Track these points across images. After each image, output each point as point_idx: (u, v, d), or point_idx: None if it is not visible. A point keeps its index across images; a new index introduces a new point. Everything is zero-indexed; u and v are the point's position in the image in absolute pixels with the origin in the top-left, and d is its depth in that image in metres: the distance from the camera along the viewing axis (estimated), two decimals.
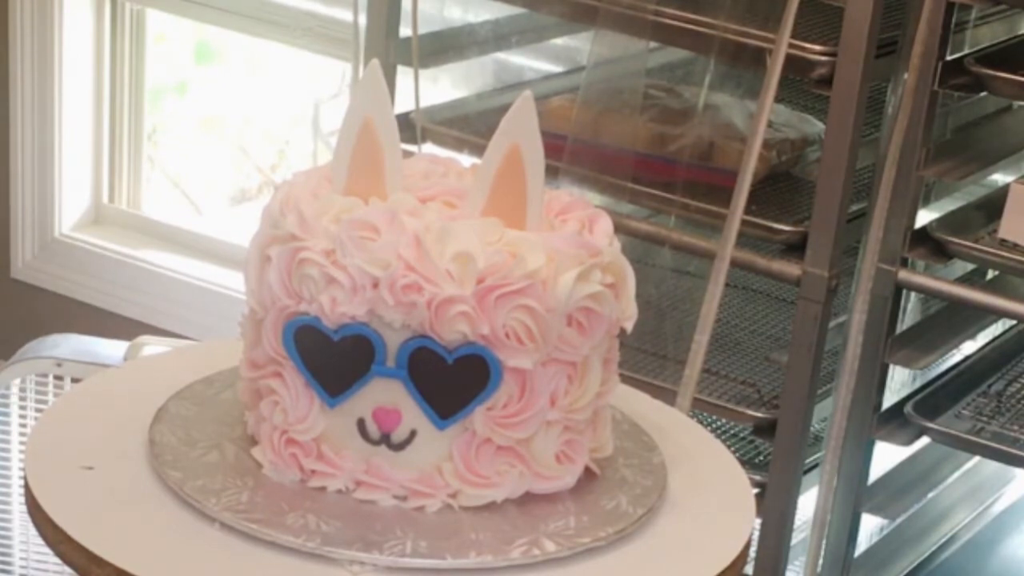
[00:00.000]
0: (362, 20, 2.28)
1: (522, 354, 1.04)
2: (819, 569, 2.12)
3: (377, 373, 1.04)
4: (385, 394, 1.05)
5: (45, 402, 2.37)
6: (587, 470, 1.11)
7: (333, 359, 1.05)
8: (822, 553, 2.11)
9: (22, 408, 2.38)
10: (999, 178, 2.21)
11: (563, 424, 1.08)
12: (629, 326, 1.10)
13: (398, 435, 1.06)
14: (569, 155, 2.13)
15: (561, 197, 1.13)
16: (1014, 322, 2.24)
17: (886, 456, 2.19)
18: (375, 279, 1.03)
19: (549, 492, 1.09)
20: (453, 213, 1.08)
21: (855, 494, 2.09)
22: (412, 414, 1.05)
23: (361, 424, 1.06)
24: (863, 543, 2.23)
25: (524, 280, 1.03)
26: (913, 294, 2.13)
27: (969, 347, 2.26)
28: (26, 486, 1.07)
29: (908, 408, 2.05)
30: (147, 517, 1.05)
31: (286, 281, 1.07)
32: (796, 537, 2.16)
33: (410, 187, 1.10)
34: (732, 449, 1.44)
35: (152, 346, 2.34)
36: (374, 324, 1.04)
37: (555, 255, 1.05)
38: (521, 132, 1.08)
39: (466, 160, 1.22)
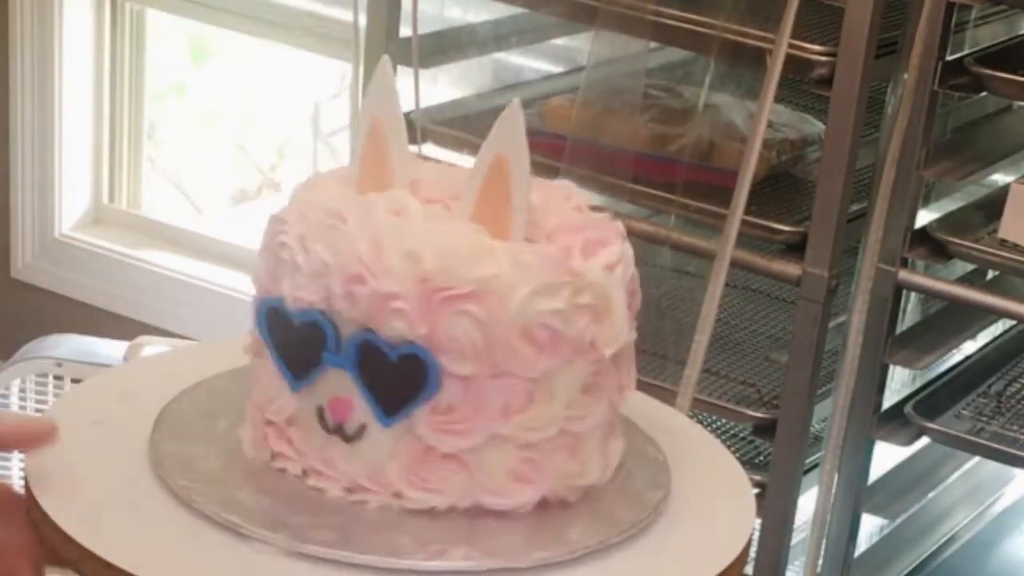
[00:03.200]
0: (362, 20, 2.28)
1: (463, 362, 1.03)
2: (819, 569, 2.12)
3: (328, 362, 1.05)
4: (339, 384, 1.05)
5: (45, 402, 2.37)
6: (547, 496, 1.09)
7: (294, 343, 1.07)
8: (822, 553, 2.11)
9: (22, 408, 2.39)
10: (999, 178, 2.21)
11: (518, 441, 1.06)
12: (608, 352, 1.07)
13: (350, 427, 1.06)
14: (569, 155, 2.13)
15: (595, 222, 1.10)
16: (1014, 322, 2.24)
17: (886, 456, 2.19)
18: (329, 266, 1.04)
19: (503, 509, 1.07)
20: (441, 215, 1.08)
21: (855, 494, 2.09)
22: (361, 408, 1.05)
23: (320, 412, 1.07)
24: (863, 543, 2.23)
25: (471, 284, 1.02)
26: (913, 294, 2.13)
27: (969, 347, 2.26)
28: (27, 487, 1.07)
29: (908, 408, 2.05)
30: (149, 519, 1.05)
31: (267, 261, 1.08)
32: (796, 537, 2.16)
33: (420, 187, 1.10)
34: (732, 449, 1.44)
35: (152, 346, 2.34)
36: (329, 313, 1.05)
37: (520, 267, 1.03)
38: (508, 142, 1.07)
39: (452, 157, 1.21)
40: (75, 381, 2.35)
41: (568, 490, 1.08)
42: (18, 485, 1.11)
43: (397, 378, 1.04)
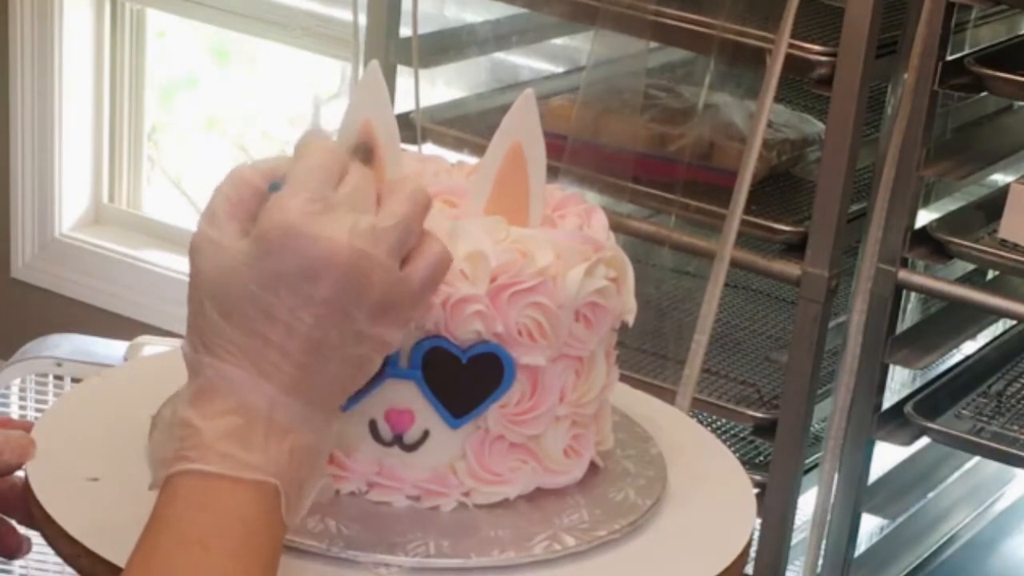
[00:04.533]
0: (362, 20, 2.28)
1: (535, 351, 1.04)
2: (819, 569, 2.12)
3: (391, 375, 1.04)
4: (398, 395, 1.04)
5: (45, 402, 2.37)
6: (591, 463, 1.11)
7: None
8: (822, 553, 2.11)
9: (22, 408, 2.39)
10: (999, 178, 2.21)
11: (571, 419, 1.08)
12: (631, 319, 1.11)
13: (411, 436, 1.05)
14: (569, 155, 2.13)
15: (554, 193, 1.13)
16: (1014, 322, 2.25)
17: (886, 456, 2.19)
18: None
19: (558, 487, 1.09)
20: (456, 212, 1.09)
21: (855, 494, 2.09)
22: (425, 414, 1.05)
23: (373, 426, 1.06)
24: (863, 543, 2.23)
25: (536, 277, 1.03)
26: (913, 294, 2.13)
27: (969, 347, 2.26)
28: (28, 488, 1.07)
29: (908, 408, 2.05)
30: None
31: None
32: (796, 537, 2.16)
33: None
34: (732, 449, 1.44)
35: (152, 346, 2.34)
36: None
37: (562, 251, 1.05)
38: (523, 130, 1.08)
39: (453, 157, 1.21)
40: (75, 381, 2.35)
41: (596, 457, 1.11)
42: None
43: (468, 379, 1.04)
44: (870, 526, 2.26)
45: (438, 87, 2.37)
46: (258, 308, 0.91)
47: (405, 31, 2.25)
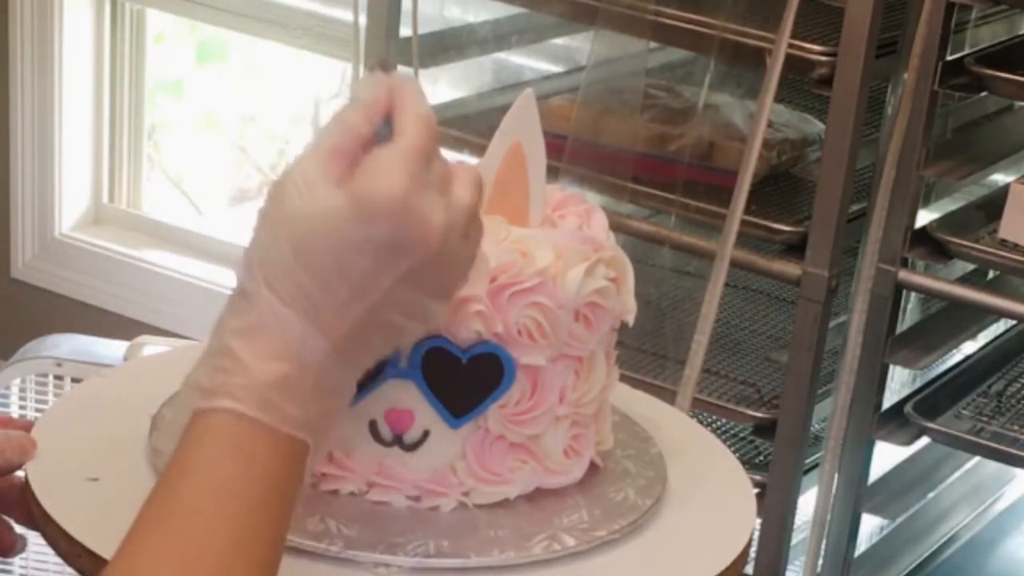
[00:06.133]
0: (362, 20, 2.28)
1: (535, 351, 1.04)
2: (819, 569, 2.12)
3: (391, 375, 1.04)
4: (398, 395, 1.04)
5: (45, 402, 2.37)
6: (590, 463, 1.11)
7: None
8: (822, 553, 2.11)
9: (22, 408, 2.38)
10: (999, 178, 2.21)
11: (571, 419, 1.08)
12: (630, 319, 1.11)
13: (411, 436, 1.06)
14: (569, 155, 2.13)
15: (554, 193, 1.13)
16: (1014, 322, 2.24)
17: (886, 456, 2.19)
18: None
19: (558, 487, 1.09)
20: None
21: (855, 494, 2.09)
22: (425, 414, 1.05)
23: (373, 426, 1.06)
24: (863, 543, 2.23)
25: (536, 277, 1.03)
26: (913, 294, 2.13)
27: (969, 347, 2.26)
28: (28, 488, 1.07)
29: (908, 408, 2.05)
30: None
31: None
32: (796, 537, 2.16)
33: None
34: (732, 449, 1.44)
35: (152, 346, 2.34)
36: None
37: (562, 251, 1.05)
38: (523, 130, 1.08)
39: (453, 157, 1.21)
40: (75, 381, 2.35)
41: (596, 456, 1.12)
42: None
43: (468, 379, 1.04)
44: (870, 526, 2.26)
45: (438, 87, 2.37)
46: (338, 263, 0.89)
47: (405, 31, 2.25)
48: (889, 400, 2.10)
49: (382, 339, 0.94)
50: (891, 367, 2.07)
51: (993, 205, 2.04)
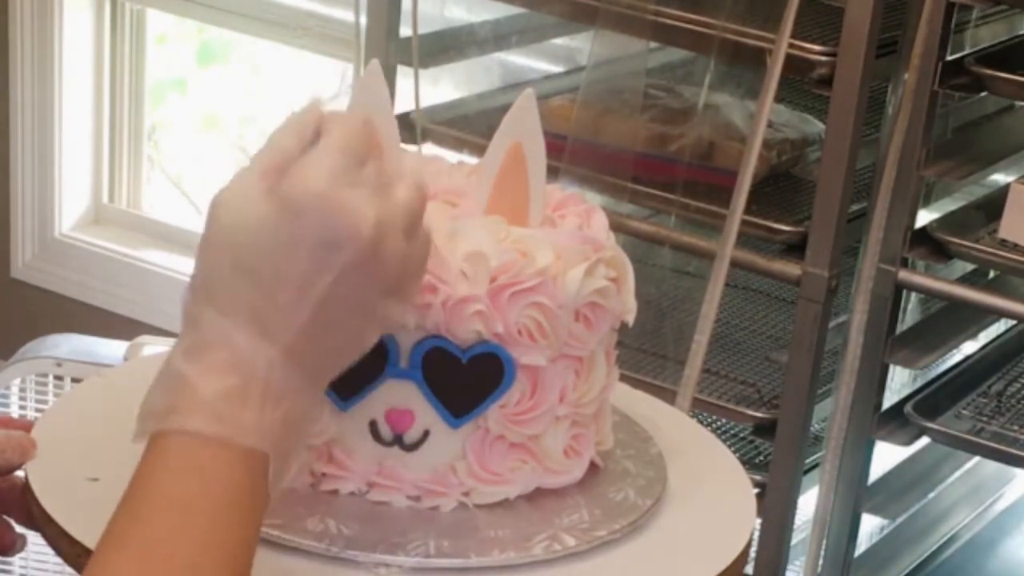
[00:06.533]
0: (362, 20, 2.28)
1: (535, 351, 1.04)
2: (819, 569, 2.12)
3: (391, 375, 1.04)
4: (398, 395, 1.04)
5: (45, 402, 2.37)
6: (591, 463, 1.11)
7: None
8: (822, 553, 2.11)
9: (22, 408, 2.39)
10: (999, 178, 2.21)
11: (571, 419, 1.08)
12: (631, 319, 1.11)
13: (411, 436, 1.06)
14: (569, 155, 2.13)
15: (554, 193, 1.13)
16: (1014, 322, 2.25)
17: (886, 456, 2.19)
18: None
19: (558, 487, 1.09)
20: (456, 212, 1.09)
21: (855, 494, 2.09)
22: (425, 414, 1.05)
23: (373, 426, 1.06)
24: (863, 543, 2.23)
25: (536, 277, 1.03)
26: (913, 294, 2.13)
27: (969, 347, 2.26)
28: (28, 488, 1.07)
29: (908, 408, 2.05)
30: None
31: None
32: (796, 537, 2.16)
33: None
34: (732, 449, 1.44)
35: (152, 346, 2.34)
36: None
37: (562, 251, 1.05)
38: (523, 130, 1.08)
39: (453, 157, 1.21)
40: (75, 381, 2.35)
41: (596, 456, 1.12)
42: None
43: (469, 379, 1.04)
44: (870, 526, 2.26)
45: (438, 87, 2.37)
46: (274, 266, 0.90)
47: (405, 31, 2.25)
48: (889, 400, 2.10)
49: (340, 340, 0.94)
50: (891, 367, 2.07)
51: (993, 205, 2.04)
